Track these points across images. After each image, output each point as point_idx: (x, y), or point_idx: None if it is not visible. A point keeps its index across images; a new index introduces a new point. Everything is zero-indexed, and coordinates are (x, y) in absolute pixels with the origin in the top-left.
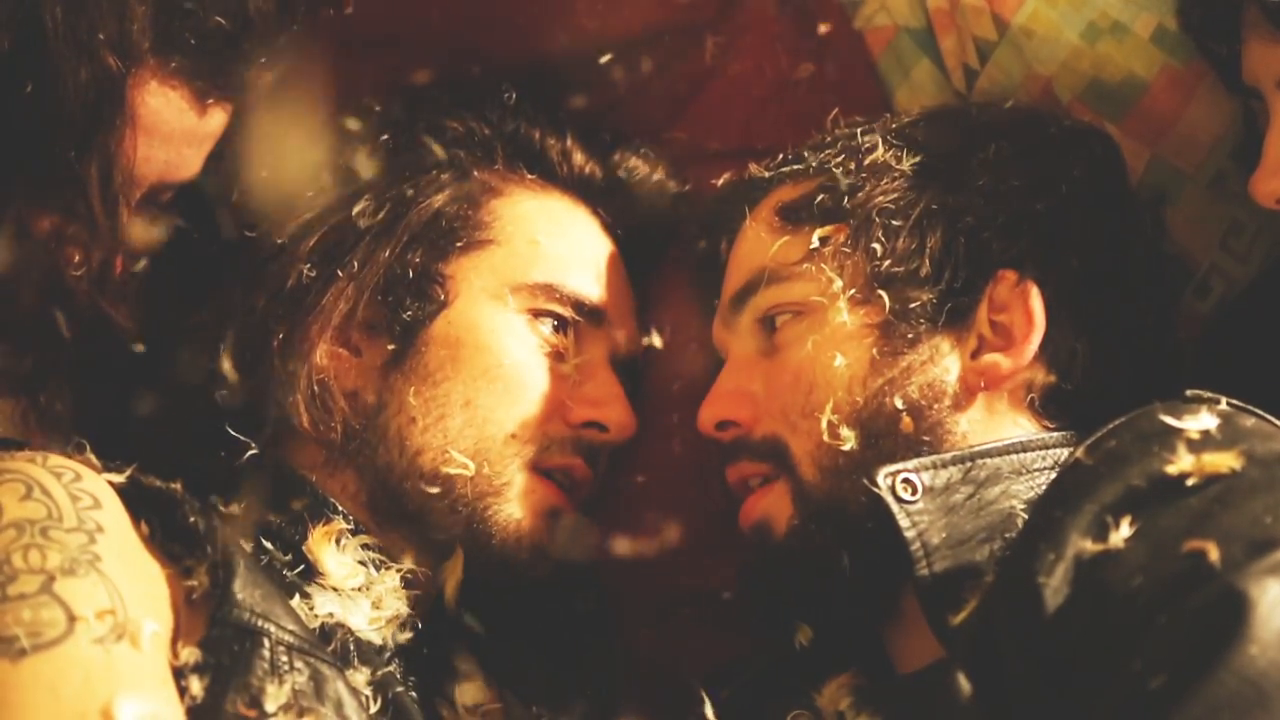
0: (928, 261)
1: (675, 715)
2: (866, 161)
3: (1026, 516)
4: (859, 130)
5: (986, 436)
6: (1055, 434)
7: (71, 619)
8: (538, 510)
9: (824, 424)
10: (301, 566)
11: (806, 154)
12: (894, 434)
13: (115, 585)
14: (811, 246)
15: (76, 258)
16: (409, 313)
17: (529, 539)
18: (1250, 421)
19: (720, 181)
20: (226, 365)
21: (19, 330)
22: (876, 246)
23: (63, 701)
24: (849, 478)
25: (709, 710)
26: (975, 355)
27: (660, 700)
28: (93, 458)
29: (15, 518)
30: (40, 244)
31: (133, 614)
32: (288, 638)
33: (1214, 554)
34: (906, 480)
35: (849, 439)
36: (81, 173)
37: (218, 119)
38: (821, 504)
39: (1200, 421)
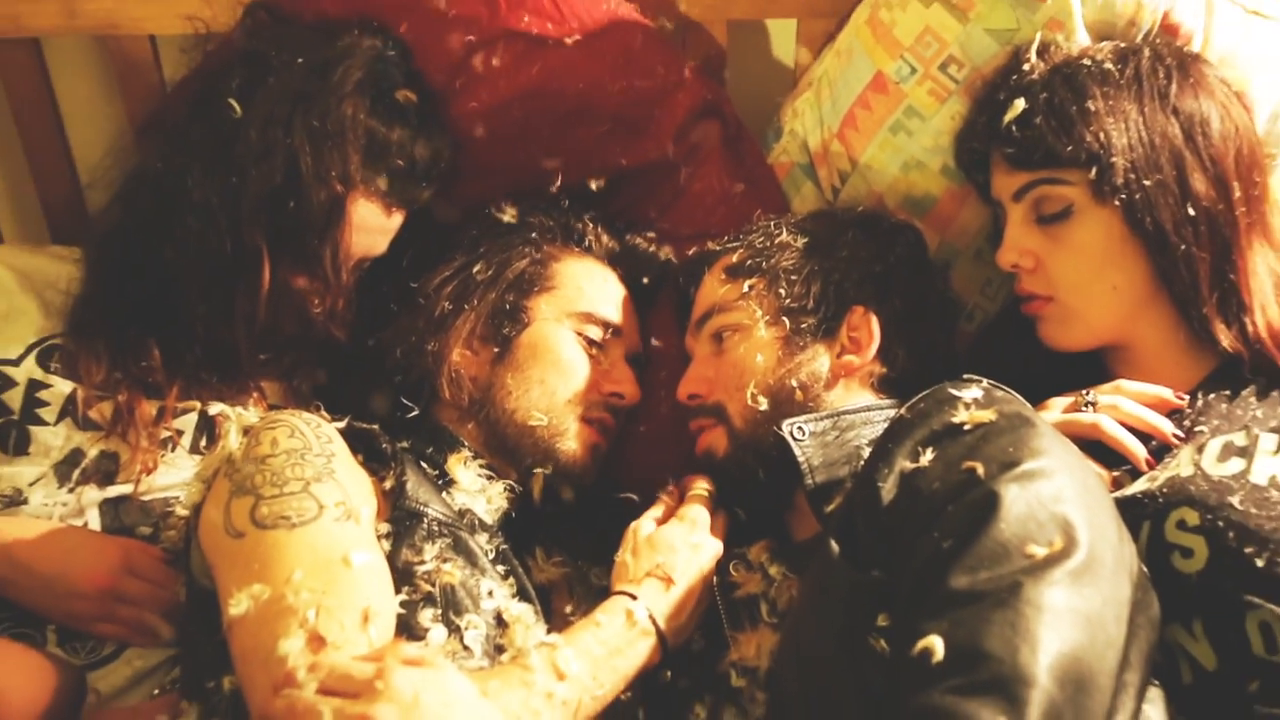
0: (812, 300)
1: None
2: (776, 241)
3: (870, 449)
4: (771, 223)
5: (846, 404)
6: (887, 401)
7: (320, 507)
8: (586, 445)
9: (748, 395)
10: (445, 478)
11: (741, 236)
12: (790, 402)
13: (344, 487)
14: (744, 291)
15: (316, 301)
16: (506, 330)
17: (581, 461)
18: (1000, 393)
19: (690, 252)
20: (401, 361)
21: (284, 343)
22: (782, 291)
23: (319, 553)
24: (762, 426)
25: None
26: (839, 356)
27: None
28: (325, 413)
29: (286, 448)
30: (297, 293)
31: (354, 504)
32: (438, 516)
33: (980, 470)
34: (799, 428)
35: (763, 403)
36: (320, 252)
37: (398, 219)
38: (744, 441)
39: (972, 392)
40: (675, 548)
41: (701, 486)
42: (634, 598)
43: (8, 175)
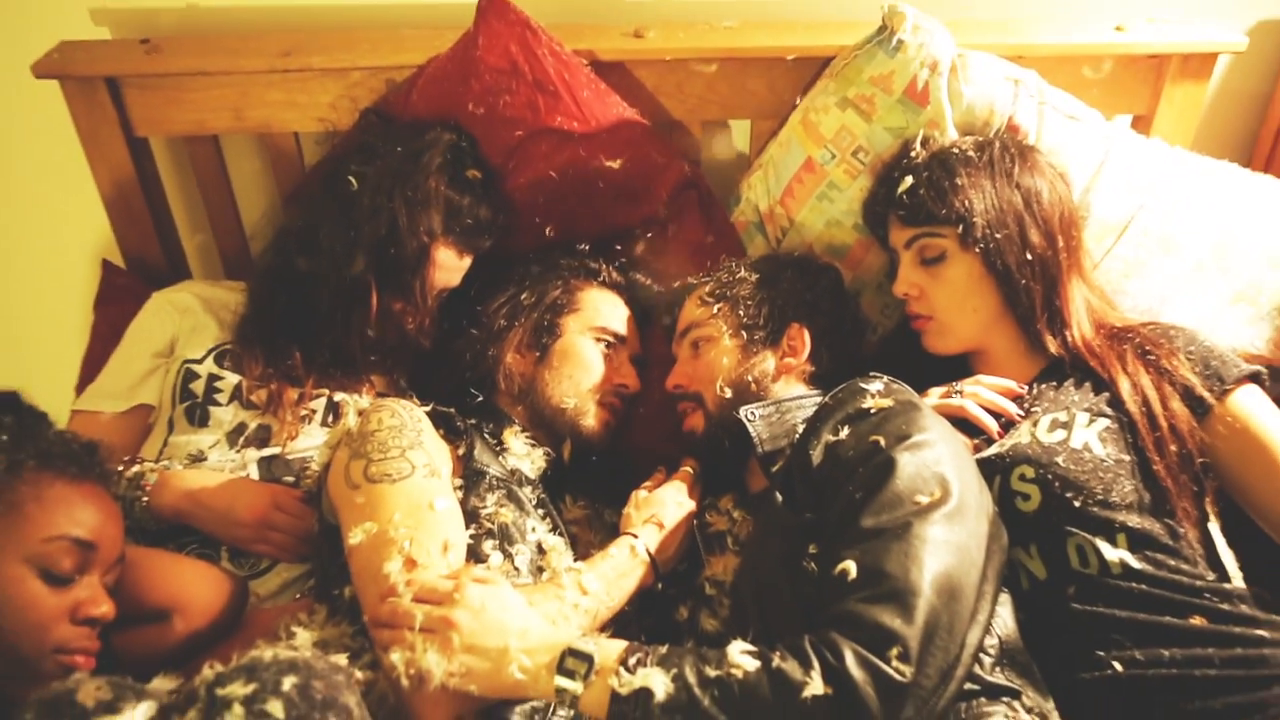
0: (762, 319)
1: None
2: (736, 277)
3: (803, 426)
4: (732, 263)
5: (786, 394)
6: (815, 392)
7: (413, 467)
8: (601, 422)
9: (718, 387)
10: (501, 446)
11: (712, 273)
12: (747, 392)
13: (430, 453)
14: (713, 312)
15: (410, 320)
16: (544, 340)
17: (598, 434)
18: (896, 385)
19: (675, 284)
20: (470, 362)
21: (387, 349)
22: (741, 312)
23: (412, 500)
24: (727, 409)
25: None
26: (781, 359)
27: None
28: (416, 399)
29: (388, 424)
30: (396, 314)
31: (437, 465)
32: (497, 474)
33: (882, 441)
34: (752, 412)
35: (728, 393)
36: (413, 285)
37: (468, 261)
38: (716, 421)
39: (876, 385)
40: (666, 503)
41: (690, 465)
42: (636, 537)
43: (196, 231)
